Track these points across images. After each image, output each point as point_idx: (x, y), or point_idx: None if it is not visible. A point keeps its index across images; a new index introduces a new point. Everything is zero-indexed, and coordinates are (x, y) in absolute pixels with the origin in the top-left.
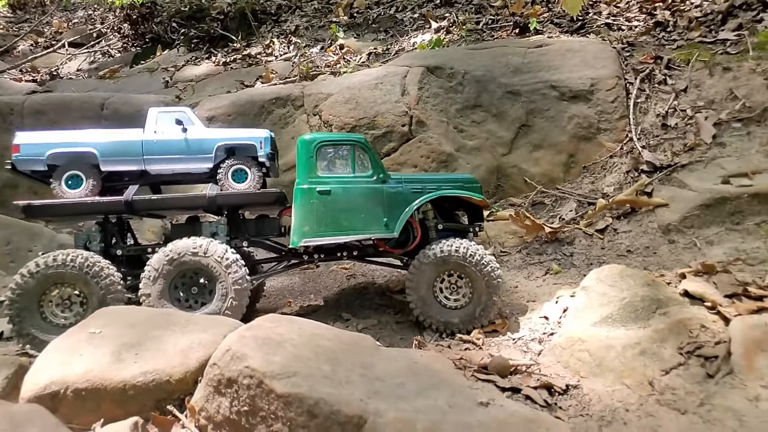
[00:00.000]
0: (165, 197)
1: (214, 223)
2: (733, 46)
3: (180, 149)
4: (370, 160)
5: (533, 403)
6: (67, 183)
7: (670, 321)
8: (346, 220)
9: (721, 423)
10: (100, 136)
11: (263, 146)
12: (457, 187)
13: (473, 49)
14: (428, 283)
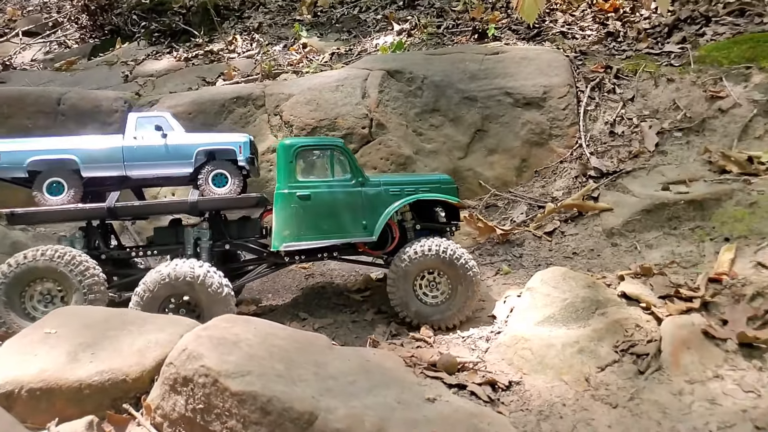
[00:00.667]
0: (147, 204)
1: (197, 228)
2: (677, 58)
3: (160, 155)
4: (349, 164)
5: (478, 399)
6: (49, 190)
7: (608, 321)
8: (326, 224)
9: (647, 415)
10: (81, 142)
11: (242, 151)
12: (435, 188)
13: (432, 55)
14: (408, 282)
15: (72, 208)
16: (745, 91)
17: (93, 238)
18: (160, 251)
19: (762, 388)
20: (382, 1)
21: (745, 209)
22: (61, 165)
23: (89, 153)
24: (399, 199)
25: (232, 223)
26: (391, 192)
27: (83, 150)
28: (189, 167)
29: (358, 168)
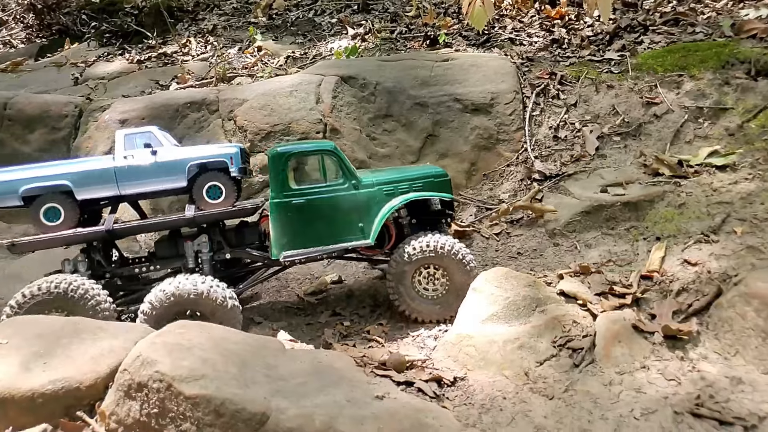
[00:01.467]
0: (145, 223)
1: (197, 241)
2: (617, 65)
3: (152, 172)
4: (341, 167)
5: (424, 395)
6: (46, 215)
7: (547, 318)
8: (323, 231)
9: (580, 405)
10: (73, 167)
11: (234, 161)
12: (428, 182)
13: (385, 61)
14: (407, 278)
15: (71, 233)
16: (677, 97)
17: (95, 258)
18: (162, 265)
19: (682, 377)
20: (336, 5)
21: (675, 210)
22: (55, 190)
23: (82, 177)
24: (393, 198)
25: (230, 231)
26: (385, 192)
27: (75, 174)
28: (182, 181)
29: (350, 170)
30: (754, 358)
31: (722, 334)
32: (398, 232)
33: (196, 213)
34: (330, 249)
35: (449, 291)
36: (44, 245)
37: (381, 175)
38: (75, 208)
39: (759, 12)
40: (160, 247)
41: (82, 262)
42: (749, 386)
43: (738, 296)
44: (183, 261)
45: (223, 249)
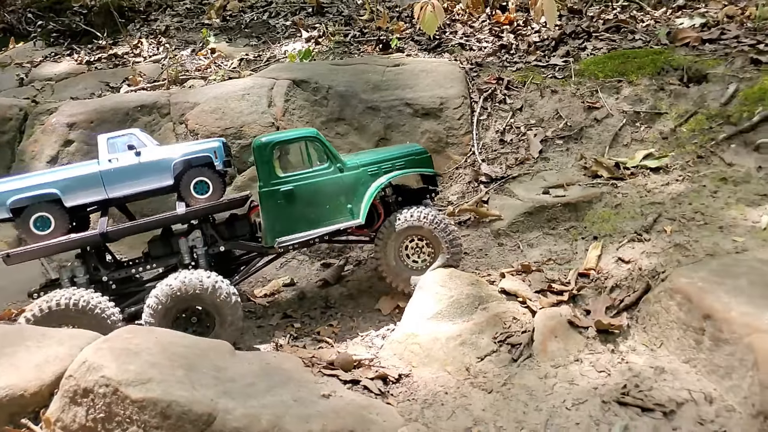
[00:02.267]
0: (139, 223)
1: (191, 237)
2: (561, 71)
3: (138, 173)
4: (325, 152)
5: (370, 392)
6: (35, 225)
7: (488, 315)
8: (313, 215)
9: (516, 398)
10: (59, 175)
11: (218, 156)
12: (409, 160)
13: (337, 65)
14: (394, 251)
15: (66, 240)
16: (617, 102)
17: (91, 262)
18: (158, 263)
19: (612, 368)
20: (291, 7)
21: (611, 210)
22: (43, 199)
23: (69, 184)
24: (378, 178)
25: (221, 225)
26: (369, 172)
27: (62, 182)
28: (169, 179)
29: (334, 154)
30: (677, 349)
31: (649, 327)
32: (385, 211)
33: (187, 209)
34: (322, 231)
35: (435, 261)
36: (40, 254)
37: (364, 157)
38: (64, 215)
39: (692, 21)
40: (153, 247)
41: (78, 268)
42: (671, 375)
43: (663, 292)
44: (178, 258)
45: (217, 242)
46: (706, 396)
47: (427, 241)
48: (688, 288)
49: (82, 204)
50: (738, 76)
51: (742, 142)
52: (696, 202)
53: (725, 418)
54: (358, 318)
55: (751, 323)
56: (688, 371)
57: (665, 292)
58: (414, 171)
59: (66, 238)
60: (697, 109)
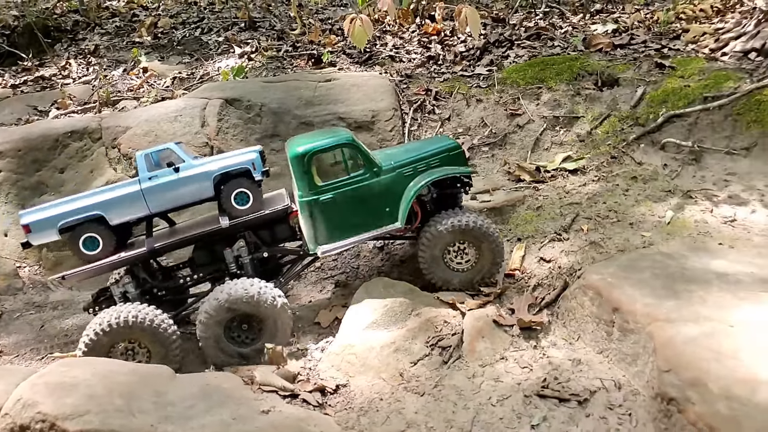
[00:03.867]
0: (184, 238)
1: (236, 247)
2: (485, 80)
3: (178, 188)
4: (361, 157)
5: (308, 405)
6: (84, 245)
7: (421, 320)
8: (353, 222)
9: (446, 398)
10: (102, 196)
11: (256, 168)
12: (443, 157)
13: (269, 82)
14: (440, 251)
15: (116, 259)
16: (537, 108)
17: (140, 276)
18: (203, 271)
19: (534, 363)
20: (223, 23)
21: (533, 212)
22: (90, 220)
23: (112, 204)
24: (413, 179)
25: (263, 231)
26: (405, 174)
27: (106, 203)
28: (209, 192)
29: (369, 158)
30: (591, 341)
31: (568, 322)
32: (422, 209)
33: (231, 222)
34: (362, 238)
35: (474, 268)
36: (92, 274)
37: (397, 157)
38: (110, 233)
39: (605, 27)
40: (198, 255)
41: (129, 283)
42: (586, 366)
43: (578, 288)
44: (222, 265)
45: (260, 249)
46: (616, 383)
47: (471, 244)
48: (599, 283)
49: (126, 221)
50: (645, 79)
51: (650, 142)
52: (610, 200)
53: (631, 401)
54: (298, 332)
55: (652, 313)
56: (602, 361)
57: (580, 289)
58: (449, 173)
59: (116, 257)
60: (610, 111)
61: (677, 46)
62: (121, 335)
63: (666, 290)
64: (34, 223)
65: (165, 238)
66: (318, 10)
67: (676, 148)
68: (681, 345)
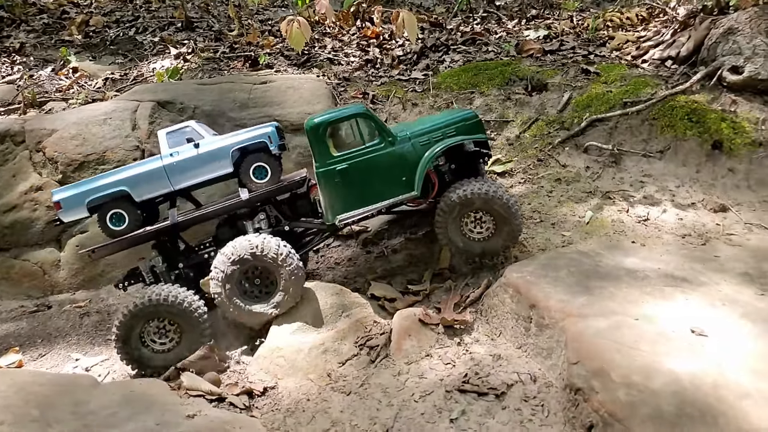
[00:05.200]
0: (207, 211)
1: (256, 219)
2: (420, 84)
3: (199, 164)
4: (375, 127)
5: (235, 408)
6: (111, 221)
7: (351, 321)
8: (370, 191)
9: (372, 396)
10: (127, 173)
11: (272, 140)
12: (459, 127)
13: (203, 85)
14: (455, 221)
15: (141, 232)
16: None
17: (167, 252)
18: None
19: (457, 359)
20: (159, 23)
21: None
22: (116, 197)
23: (137, 181)
24: (428, 149)
25: (283, 205)
26: (421, 143)
27: (131, 179)
28: (228, 167)
29: (384, 128)
30: (512, 337)
31: (490, 319)
32: (439, 180)
33: (250, 195)
34: (379, 206)
35: (494, 235)
36: (119, 248)
37: (413, 128)
38: (136, 210)
39: (537, 33)
40: (221, 231)
41: (156, 258)
42: (506, 360)
43: (500, 286)
44: None
45: (281, 222)
46: (532, 376)
47: (488, 213)
48: (518, 281)
49: (151, 198)
50: (572, 84)
51: (574, 145)
52: (534, 201)
53: (545, 393)
54: (230, 337)
55: (565, 309)
56: (520, 356)
57: (501, 287)
58: (464, 139)
59: (141, 231)
60: (538, 116)
61: (603, 52)
62: (151, 314)
63: (580, 287)
64: (64, 200)
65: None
66: (258, 11)
67: (597, 151)
68: (589, 338)
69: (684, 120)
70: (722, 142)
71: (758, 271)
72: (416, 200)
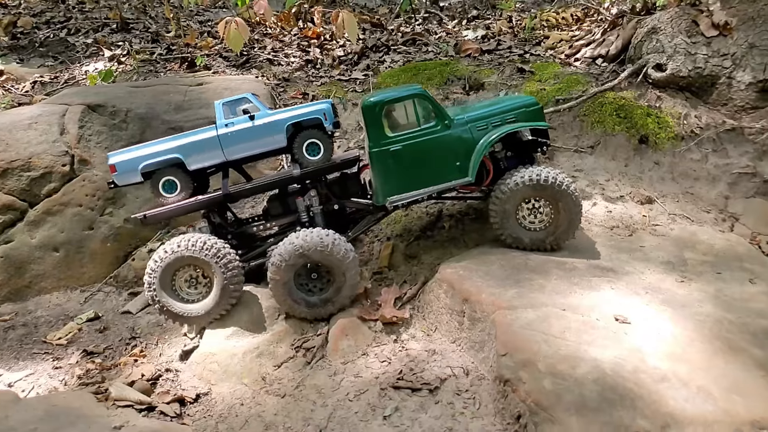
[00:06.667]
0: (258, 183)
1: (307, 197)
2: (361, 84)
3: (253, 136)
4: (432, 109)
5: (165, 416)
6: (164, 188)
7: (288, 324)
8: (423, 174)
9: (306, 398)
10: (182, 140)
11: (327, 117)
12: (520, 113)
13: (136, 87)
14: (513, 207)
15: (194, 201)
16: None
17: (215, 221)
18: (276, 221)
19: (393, 357)
20: (93, 24)
21: (402, 213)
22: (169, 164)
23: (191, 149)
24: (486, 134)
25: (334, 184)
26: (478, 128)
27: (185, 147)
28: (282, 141)
29: (442, 111)
30: (447, 331)
31: (427, 315)
32: (495, 167)
33: (302, 170)
34: (431, 190)
35: (549, 227)
36: (170, 215)
37: (472, 112)
38: (188, 178)
39: (475, 33)
40: (272, 206)
41: (205, 227)
42: (440, 355)
43: (435, 282)
44: (294, 216)
45: (331, 201)
46: (465, 369)
47: (547, 202)
48: (451, 277)
49: (203, 167)
50: (507, 83)
51: None
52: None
53: (477, 386)
54: (164, 344)
55: (496, 301)
56: (454, 350)
57: (436, 283)
58: (523, 126)
59: (194, 199)
60: None
61: (538, 51)
62: (186, 260)
63: (511, 280)
64: (119, 163)
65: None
66: (198, 12)
67: None
68: (518, 329)
69: (613, 116)
70: (648, 136)
71: (679, 259)
72: (469, 186)
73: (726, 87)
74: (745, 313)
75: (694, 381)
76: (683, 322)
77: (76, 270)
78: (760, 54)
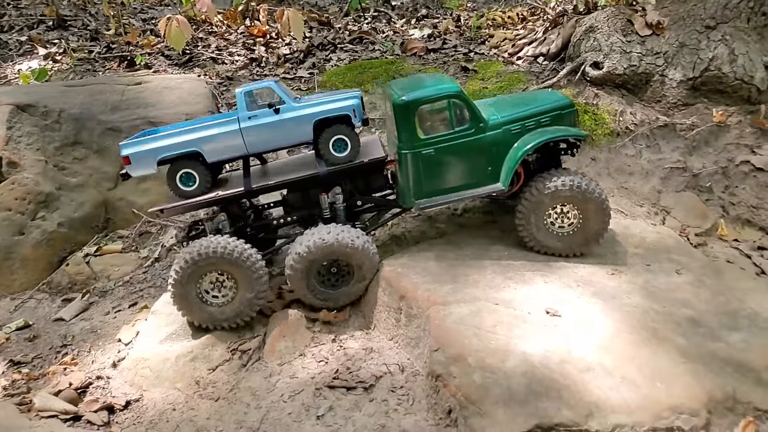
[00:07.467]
0: (282, 181)
1: (332, 193)
2: (306, 83)
3: (278, 130)
4: (468, 111)
5: (93, 425)
6: (181, 181)
7: None
8: (453, 179)
9: (241, 400)
10: (201, 132)
11: (356, 114)
12: (554, 116)
13: (70, 87)
14: (540, 212)
15: (214, 196)
16: None
17: (234, 212)
18: (296, 213)
19: (331, 356)
20: (28, 21)
21: None
22: (187, 156)
23: (210, 141)
24: (520, 137)
25: (359, 180)
26: (512, 131)
27: (204, 139)
28: (309, 136)
29: (476, 113)
30: (385, 329)
31: (367, 313)
32: (525, 171)
33: (329, 169)
34: (461, 196)
35: (576, 232)
36: (189, 209)
37: (504, 111)
38: (206, 171)
39: (422, 32)
40: (293, 198)
41: (224, 222)
42: (377, 353)
43: (374, 280)
44: (316, 210)
45: (354, 197)
46: (401, 366)
47: (575, 207)
48: (389, 274)
49: (222, 160)
50: None
51: None
52: None
53: (412, 382)
54: (97, 351)
55: (431, 297)
56: (392, 347)
57: (375, 281)
58: (560, 136)
59: (215, 194)
60: None
61: (482, 50)
62: (210, 266)
63: (447, 275)
64: (134, 154)
65: (260, 178)
66: (142, 9)
67: None
68: (451, 325)
69: None
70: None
71: (611, 251)
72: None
73: (659, 84)
74: (670, 303)
75: (619, 370)
76: (612, 314)
77: (6, 277)
78: (690, 53)
